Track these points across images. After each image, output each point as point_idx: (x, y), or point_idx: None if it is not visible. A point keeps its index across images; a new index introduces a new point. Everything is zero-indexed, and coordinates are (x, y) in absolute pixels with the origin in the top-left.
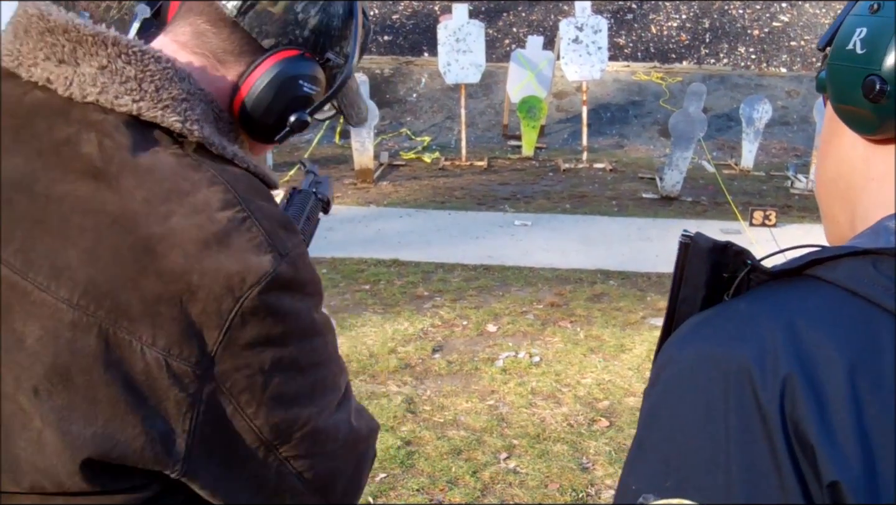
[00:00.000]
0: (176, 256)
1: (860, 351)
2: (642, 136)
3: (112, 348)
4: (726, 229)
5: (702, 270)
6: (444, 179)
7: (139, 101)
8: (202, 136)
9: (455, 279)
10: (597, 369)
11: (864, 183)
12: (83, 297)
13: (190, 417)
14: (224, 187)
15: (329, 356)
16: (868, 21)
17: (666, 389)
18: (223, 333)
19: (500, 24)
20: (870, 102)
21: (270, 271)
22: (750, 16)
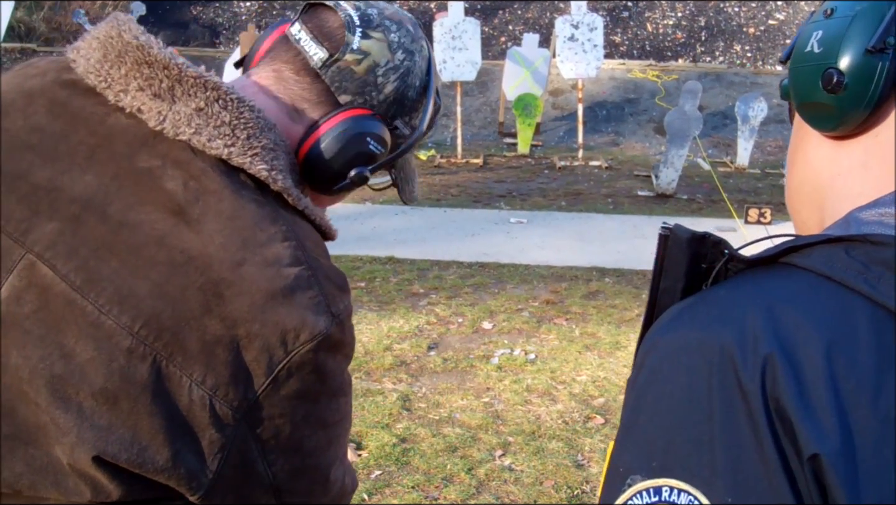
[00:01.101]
0: (242, 303)
1: (836, 332)
2: (638, 133)
3: (162, 380)
4: (721, 227)
5: (681, 261)
6: (440, 177)
7: (231, 147)
8: (284, 186)
9: (450, 277)
10: (592, 367)
11: (831, 181)
12: (144, 327)
13: (220, 459)
14: (296, 244)
15: (347, 414)
16: (823, 24)
17: (650, 374)
18: (268, 382)
19: (496, 21)
20: (829, 94)
21: (324, 331)
22: (746, 14)
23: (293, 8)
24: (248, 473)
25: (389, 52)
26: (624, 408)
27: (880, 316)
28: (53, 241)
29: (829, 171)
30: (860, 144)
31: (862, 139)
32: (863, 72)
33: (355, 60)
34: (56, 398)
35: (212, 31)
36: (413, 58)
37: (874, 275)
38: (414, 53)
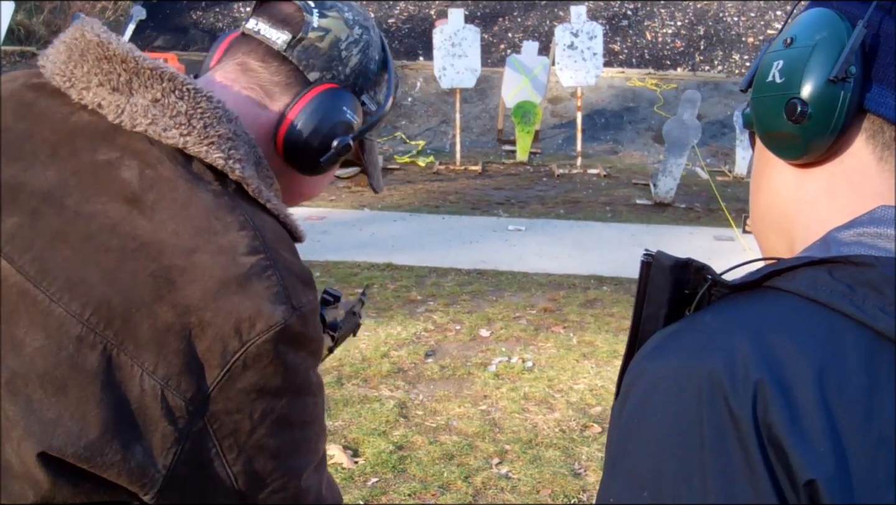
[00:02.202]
0: (194, 290)
1: (825, 355)
2: (636, 142)
3: (113, 369)
4: (719, 236)
5: (664, 288)
6: (439, 184)
7: (186, 136)
8: (242, 175)
9: (448, 284)
10: (589, 375)
11: (798, 207)
12: (95, 314)
13: (173, 453)
14: (253, 234)
15: (316, 418)
16: (783, 54)
17: (638, 404)
18: (223, 374)
19: (496, 29)
20: (793, 125)
21: (281, 322)
22: (744, 23)
23: None
24: (206, 473)
25: (347, 27)
26: (610, 438)
27: (868, 337)
28: (13, 234)
29: (796, 197)
30: (825, 171)
31: (827, 166)
32: (826, 101)
33: (318, 37)
34: (7, 392)
35: (211, 36)
36: (369, 32)
37: (859, 296)
38: (369, 29)
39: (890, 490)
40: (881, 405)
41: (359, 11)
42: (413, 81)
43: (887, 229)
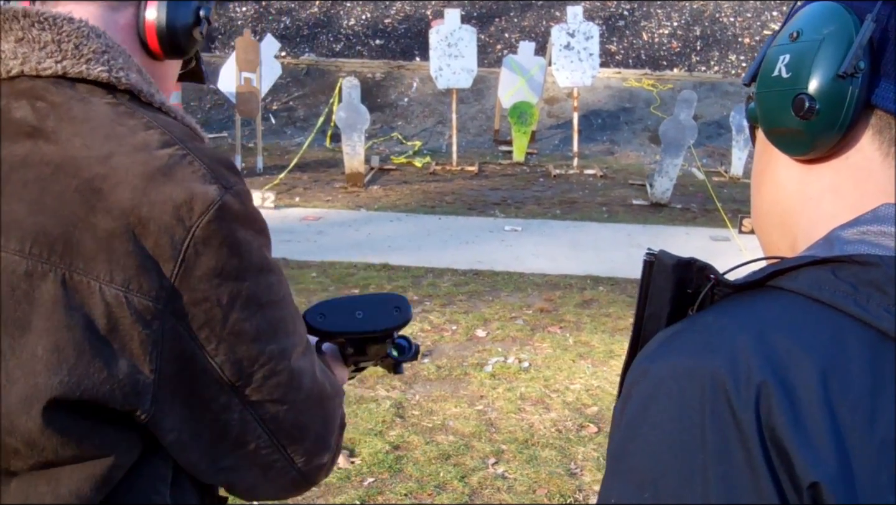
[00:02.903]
0: (122, 191)
1: (829, 356)
2: (633, 142)
3: (71, 292)
4: (715, 236)
5: (666, 287)
6: (435, 184)
7: (62, 61)
8: (130, 83)
9: (445, 284)
10: (586, 375)
11: (802, 204)
12: (35, 245)
13: (155, 356)
14: (161, 130)
15: (285, 297)
16: (790, 48)
17: (640, 404)
18: (179, 265)
19: (492, 29)
20: (801, 120)
21: (217, 199)
22: (741, 24)
23: (289, 13)
24: (193, 371)
25: None
26: (612, 438)
27: (871, 337)
28: None
29: (800, 194)
30: (830, 168)
31: (832, 163)
32: (834, 97)
33: None
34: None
35: (208, 37)
36: None
37: (863, 296)
38: None
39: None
40: (885, 406)
41: None
42: (409, 82)
43: (891, 228)
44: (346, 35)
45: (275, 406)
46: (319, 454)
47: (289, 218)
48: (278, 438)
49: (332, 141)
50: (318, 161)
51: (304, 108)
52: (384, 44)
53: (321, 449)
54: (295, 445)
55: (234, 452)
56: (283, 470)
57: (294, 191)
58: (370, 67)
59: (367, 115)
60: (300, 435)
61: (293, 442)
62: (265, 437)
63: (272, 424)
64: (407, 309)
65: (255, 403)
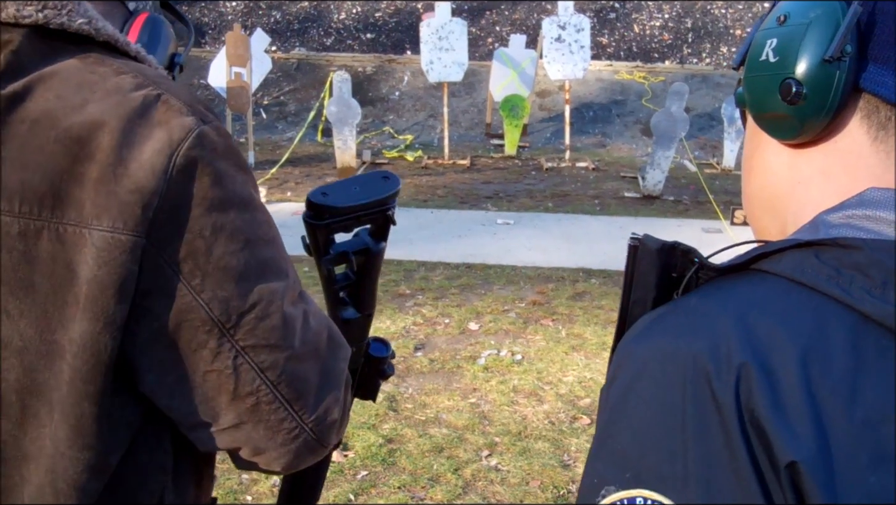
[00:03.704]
0: (102, 136)
1: (810, 338)
2: (625, 135)
3: (66, 246)
4: (708, 228)
5: (651, 271)
6: (427, 178)
7: (43, 10)
8: (108, 34)
9: (437, 277)
10: (578, 367)
11: (791, 188)
12: (23, 203)
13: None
14: (132, 74)
15: (276, 239)
16: (777, 31)
17: (623, 385)
18: (160, 196)
19: (483, 22)
20: (788, 105)
21: (195, 128)
22: (732, 15)
23: (279, 7)
24: (173, 307)
25: None
26: (598, 419)
27: (853, 320)
28: None
29: (790, 178)
30: (820, 152)
31: (821, 147)
32: (821, 81)
33: None
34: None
35: (197, 31)
36: None
37: (846, 279)
38: None
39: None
40: (865, 388)
41: None
42: (400, 76)
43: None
44: (337, 29)
45: (271, 353)
46: (329, 409)
47: (281, 213)
48: (280, 390)
49: (323, 135)
50: (309, 156)
51: (295, 102)
52: (375, 38)
53: (330, 403)
54: (300, 399)
55: (234, 407)
56: (292, 430)
57: (286, 185)
58: (361, 61)
59: (358, 110)
60: (303, 387)
61: (297, 396)
62: (265, 389)
63: (270, 373)
64: (395, 177)
65: (249, 349)
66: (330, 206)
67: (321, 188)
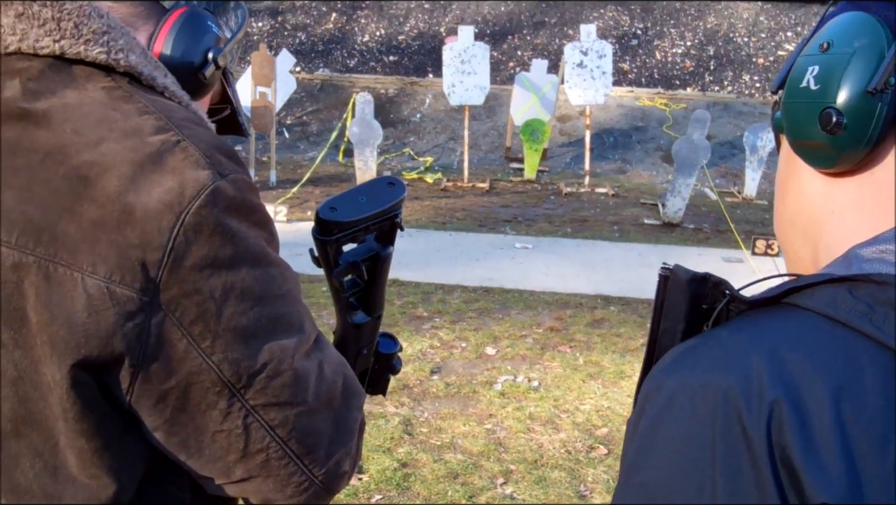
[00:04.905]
0: (109, 179)
1: (843, 375)
2: (645, 161)
3: (54, 285)
4: (728, 257)
5: (681, 302)
6: (446, 200)
7: (60, 41)
8: (129, 64)
9: (455, 301)
10: (596, 396)
11: (826, 216)
12: (22, 235)
13: (137, 350)
14: (157, 116)
15: (290, 293)
16: (819, 59)
17: (653, 418)
18: (167, 255)
19: (505, 46)
20: (828, 135)
21: (209, 184)
22: (755, 44)
23: (304, 28)
24: (182, 370)
25: None
26: (625, 451)
27: (886, 358)
28: None
29: (823, 206)
30: (854, 182)
31: (857, 178)
32: (862, 113)
33: None
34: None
35: None
36: None
37: (879, 315)
38: None
39: None
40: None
41: None
42: (422, 98)
43: None
44: (361, 51)
45: (281, 410)
46: (340, 462)
47: (301, 232)
48: (290, 446)
49: (344, 156)
50: (330, 176)
51: (318, 122)
52: (398, 60)
53: (341, 455)
54: (310, 454)
55: (243, 463)
56: (301, 483)
57: (306, 205)
58: (383, 83)
59: (379, 131)
60: (313, 442)
61: (308, 451)
62: (275, 445)
63: (281, 430)
64: (400, 182)
65: (259, 407)
66: (339, 222)
67: (329, 202)
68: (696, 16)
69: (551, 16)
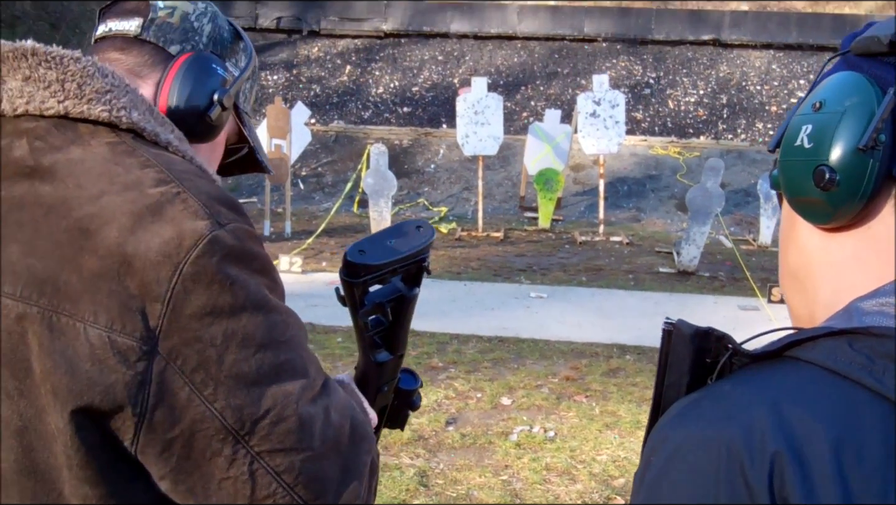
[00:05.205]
0: (109, 231)
1: (843, 426)
2: (659, 210)
3: (56, 335)
4: (745, 305)
5: (685, 356)
6: (461, 250)
7: (64, 101)
8: (131, 121)
9: (470, 351)
10: (612, 446)
11: (826, 271)
12: (26, 287)
13: (139, 399)
14: (158, 169)
15: (293, 340)
16: (812, 118)
17: (658, 471)
18: (166, 304)
19: (519, 97)
20: (822, 191)
21: (207, 234)
22: (767, 92)
23: (319, 81)
24: (185, 418)
25: (189, 3)
26: (632, 502)
27: (886, 409)
28: None
29: (823, 261)
30: (852, 237)
31: (854, 232)
32: (855, 169)
33: (168, 14)
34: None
35: None
36: (211, 5)
37: (879, 368)
38: (210, 2)
39: None
40: None
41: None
42: (436, 148)
43: None
44: (375, 102)
45: (287, 456)
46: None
47: (316, 283)
48: (297, 492)
49: (359, 207)
50: (345, 226)
51: (333, 173)
52: (412, 111)
53: (349, 500)
54: (318, 499)
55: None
56: None
57: (321, 256)
58: (398, 134)
59: (394, 182)
60: (321, 487)
61: (315, 496)
62: (282, 491)
63: (287, 476)
64: (428, 226)
65: (264, 453)
66: (367, 265)
67: (357, 244)
68: (709, 64)
69: (564, 66)
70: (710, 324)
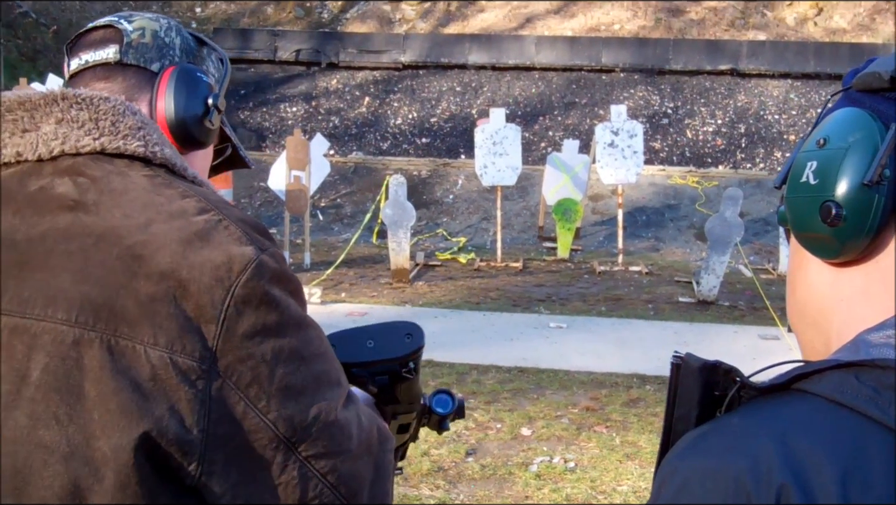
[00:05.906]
0: (162, 256)
1: (849, 459)
2: (678, 239)
3: (117, 357)
4: (764, 335)
5: (694, 389)
6: (480, 280)
7: (100, 138)
8: (164, 156)
9: (489, 381)
10: (633, 476)
11: (835, 305)
12: (81, 313)
13: (202, 415)
14: (197, 198)
15: (328, 352)
16: (817, 154)
17: (667, 502)
18: (220, 325)
19: (537, 127)
20: (829, 227)
21: (254, 259)
22: (786, 121)
23: (338, 113)
24: (241, 430)
25: (154, 21)
26: None
27: (893, 441)
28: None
29: (832, 295)
30: (860, 271)
31: (863, 266)
32: (861, 204)
33: (139, 35)
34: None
35: (258, 135)
36: (171, 19)
37: (885, 400)
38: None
39: None
40: None
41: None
42: (454, 179)
43: None
44: (393, 134)
45: (330, 459)
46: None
47: (335, 314)
48: (339, 491)
49: (378, 237)
50: (364, 257)
51: (352, 204)
52: (430, 142)
53: (381, 496)
54: (356, 496)
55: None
56: None
57: (340, 287)
58: (416, 165)
59: (412, 212)
60: (358, 485)
61: (354, 493)
62: (327, 491)
63: (331, 476)
64: (419, 336)
65: (311, 458)
66: None
67: (332, 338)
68: (727, 94)
69: (581, 97)
70: (731, 353)
